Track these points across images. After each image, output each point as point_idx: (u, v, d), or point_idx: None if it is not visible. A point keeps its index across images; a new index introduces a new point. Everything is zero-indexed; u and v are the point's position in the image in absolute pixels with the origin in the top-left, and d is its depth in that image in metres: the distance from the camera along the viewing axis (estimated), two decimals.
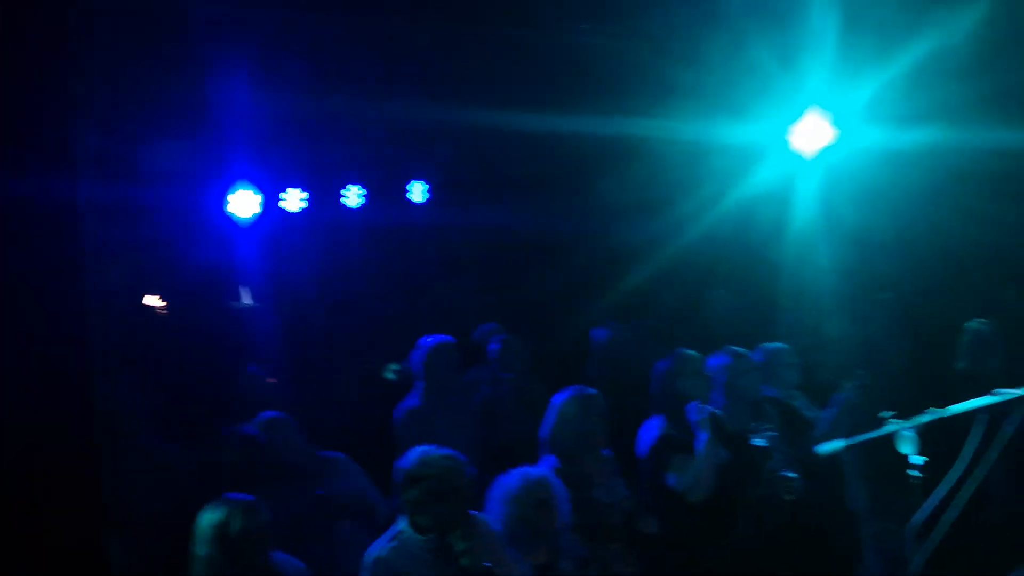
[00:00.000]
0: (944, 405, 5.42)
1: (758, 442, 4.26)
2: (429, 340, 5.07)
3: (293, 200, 6.05)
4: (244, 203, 5.82)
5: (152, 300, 7.88)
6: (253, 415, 4.29)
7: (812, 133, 8.60)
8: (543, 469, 3.89)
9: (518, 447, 4.83)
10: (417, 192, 6.70)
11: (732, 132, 8.26)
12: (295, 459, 4.22)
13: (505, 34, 7.31)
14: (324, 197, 6.21)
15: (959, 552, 5.46)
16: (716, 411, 4.48)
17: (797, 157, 8.79)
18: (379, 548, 3.40)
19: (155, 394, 4.82)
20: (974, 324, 6.51)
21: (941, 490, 2.41)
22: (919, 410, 2.61)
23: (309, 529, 4.07)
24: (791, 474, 4.36)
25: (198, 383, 5.37)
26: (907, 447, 2.37)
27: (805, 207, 8.90)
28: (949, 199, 8.09)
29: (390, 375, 6.22)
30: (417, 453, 3.47)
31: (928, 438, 2.50)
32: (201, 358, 5.64)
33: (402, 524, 3.43)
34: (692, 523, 4.24)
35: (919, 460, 2.36)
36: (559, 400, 4.23)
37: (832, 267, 8.55)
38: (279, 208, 6.23)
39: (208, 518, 3.35)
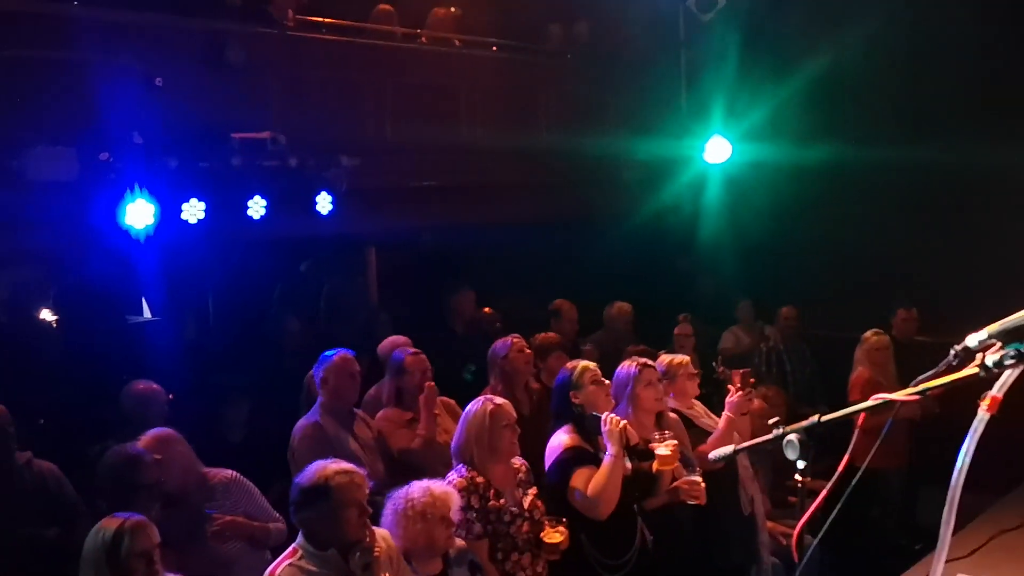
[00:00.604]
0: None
1: (661, 451, 4.30)
2: (330, 353, 4.99)
3: (193, 211, 5.88)
4: (139, 214, 5.64)
5: (43, 314, 7.61)
6: (141, 432, 4.16)
7: (717, 150, 8.85)
8: (444, 483, 3.88)
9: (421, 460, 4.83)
10: (323, 203, 6.58)
11: (640, 148, 8.43)
12: (183, 477, 4.09)
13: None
14: (226, 208, 6.05)
15: (847, 553, 5.65)
16: (623, 421, 4.54)
17: (705, 172, 9.03)
18: (277, 567, 3.33)
19: (33, 410, 4.65)
20: (869, 334, 6.75)
21: (827, 492, 2.44)
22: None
23: (197, 548, 3.97)
24: (696, 477, 4.40)
25: (81, 399, 5.19)
26: (792, 452, 2.41)
27: (711, 221, 9.13)
28: (847, 212, 8.40)
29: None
30: (315, 468, 3.42)
31: (814, 443, 2.54)
32: (86, 374, 5.45)
33: (300, 541, 3.38)
34: (597, 533, 4.26)
35: (802, 465, 2.40)
36: (468, 410, 4.24)
37: (737, 279, 8.79)
38: (179, 220, 6.05)
39: (96, 538, 3.26)
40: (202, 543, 4.01)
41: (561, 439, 4.36)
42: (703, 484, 4.40)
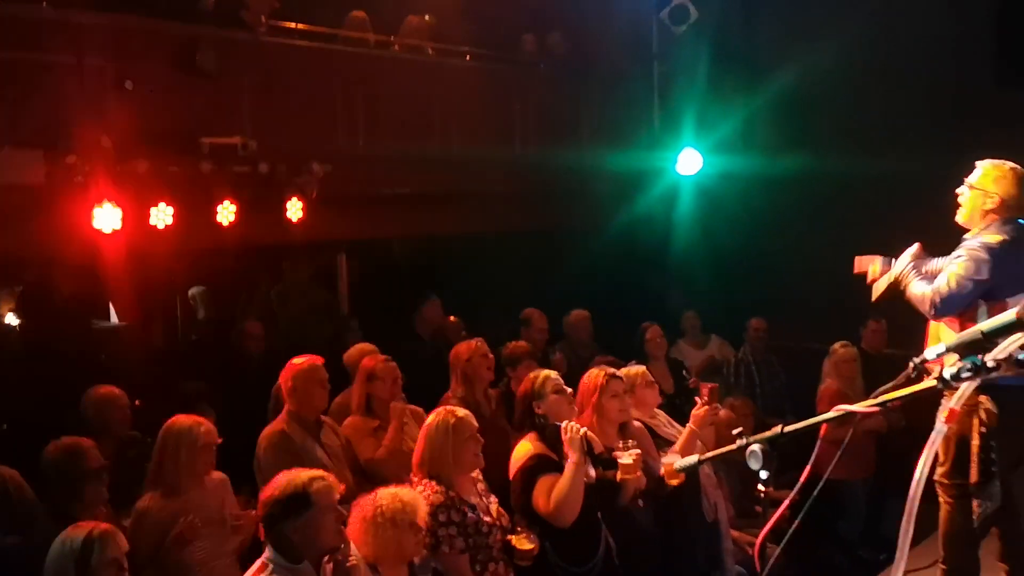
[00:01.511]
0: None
1: (624, 460, 4.32)
2: (298, 361, 4.95)
3: (161, 216, 5.84)
4: (107, 218, 5.60)
5: (7, 318, 7.53)
6: (103, 438, 4.12)
7: (688, 162, 8.92)
8: (413, 491, 3.86)
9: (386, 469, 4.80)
10: (293, 209, 6.57)
11: (612, 160, 8.48)
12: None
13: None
14: (195, 214, 6.02)
15: (812, 563, 5.69)
16: (585, 430, 4.55)
17: (677, 183, 9.09)
18: None
19: None
20: (837, 346, 6.81)
21: (790, 502, 2.47)
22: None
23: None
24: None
25: (44, 404, 5.13)
26: (755, 462, 2.44)
27: (683, 232, 9.19)
28: (817, 223, 8.47)
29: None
30: (287, 478, 3.38)
31: (780, 454, 2.57)
32: (50, 378, 5.39)
33: (269, 555, 3.32)
34: (561, 541, 4.26)
35: (765, 475, 2.42)
36: (429, 424, 4.21)
37: (707, 290, 8.85)
38: (147, 225, 6.01)
39: (63, 547, 3.22)
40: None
41: (525, 448, 4.37)
42: (637, 458, 4.37)
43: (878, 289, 4.21)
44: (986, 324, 1.65)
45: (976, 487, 3.88)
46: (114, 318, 8.08)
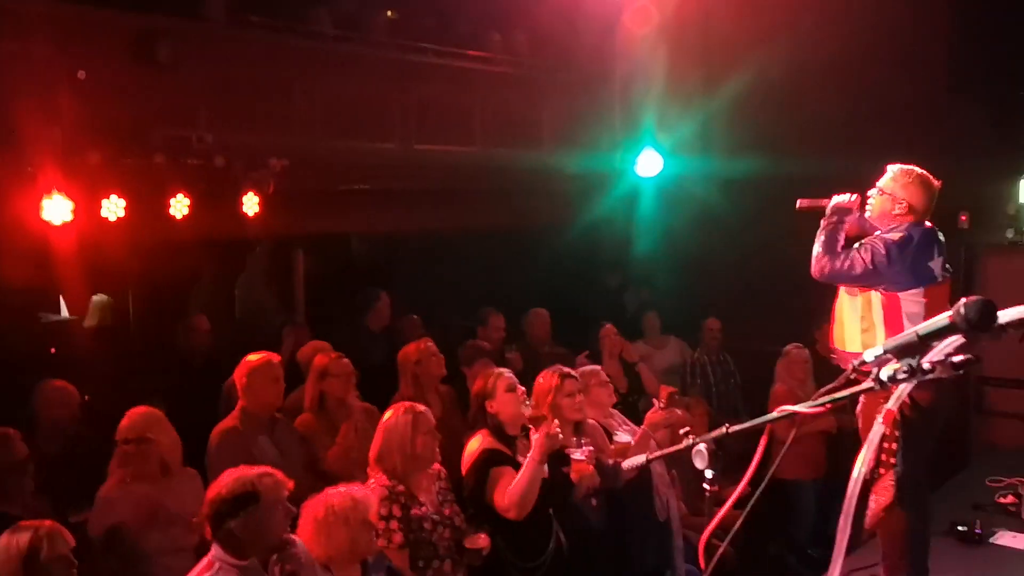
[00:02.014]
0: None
1: (578, 457, 4.33)
2: (253, 357, 4.91)
3: (113, 209, 5.75)
4: (57, 210, 5.50)
5: None
6: (52, 433, 4.06)
7: (648, 163, 8.95)
8: (364, 488, 3.85)
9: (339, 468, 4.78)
10: (249, 204, 6.49)
11: (573, 162, 8.50)
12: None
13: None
14: (147, 206, 5.93)
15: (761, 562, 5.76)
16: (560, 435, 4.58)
17: (637, 185, 9.13)
18: None
19: None
20: (790, 348, 6.88)
21: (734, 500, 2.50)
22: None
23: None
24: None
25: None
26: (700, 461, 2.47)
27: (644, 233, 9.23)
28: (775, 225, 8.52)
29: None
30: (234, 475, 3.35)
31: (723, 453, 2.60)
32: None
33: (216, 554, 3.29)
34: (512, 536, 4.28)
35: (710, 474, 2.46)
36: (387, 419, 4.21)
37: (668, 291, 8.90)
38: (98, 217, 5.91)
39: (7, 549, 3.17)
40: None
41: (476, 442, 4.40)
42: (590, 456, 4.41)
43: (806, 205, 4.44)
44: (922, 327, 1.68)
45: (873, 480, 3.97)
46: (65, 311, 7.95)
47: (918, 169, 4.12)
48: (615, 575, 4.70)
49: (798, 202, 4.47)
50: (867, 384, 1.81)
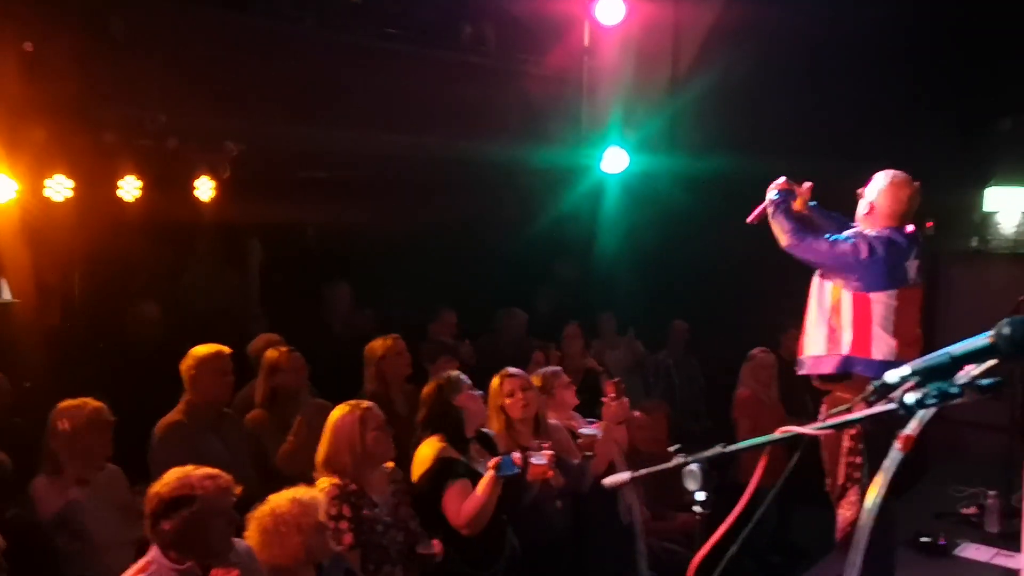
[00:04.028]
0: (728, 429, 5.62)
1: (536, 460, 4.21)
2: (201, 349, 4.70)
3: (58, 188, 5.51)
4: (1, 188, 5.27)
5: None
6: None
7: (614, 160, 8.84)
8: (311, 490, 3.68)
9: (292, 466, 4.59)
10: (203, 188, 6.27)
11: (537, 157, 8.35)
12: None
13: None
14: (95, 187, 5.70)
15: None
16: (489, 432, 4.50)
17: (602, 181, 9.02)
18: None
19: None
20: (755, 352, 6.81)
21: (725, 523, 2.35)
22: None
23: None
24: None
25: None
26: (693, 483, 2.29)
27: (608, 230, 9.12)
28: (740, 225, 8.45)
29: None
30: (176, 475, 3.17)
31: (714, 473, 2.45)
32: None
33: (154, 554, 3.12)
34: (464, 544, 4.16)
35: (703, 496, 2.28)
36: (336, 415, 4.06)
37: (632, 290, 8.79)
38: (41, 196, 5.67)
39: None
40: None
41: (428, 449, 4.26)
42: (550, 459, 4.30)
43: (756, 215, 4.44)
44: (956, 348, 1.55)
45: (840, 492, 3.93)
46: (6, 294, 7.63)
47: (900, 175, 4.12)
48: None
49: (748, 219, 4.45)
50: (887, 407, 1.68)
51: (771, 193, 4.35)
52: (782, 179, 4.38)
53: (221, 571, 3.11)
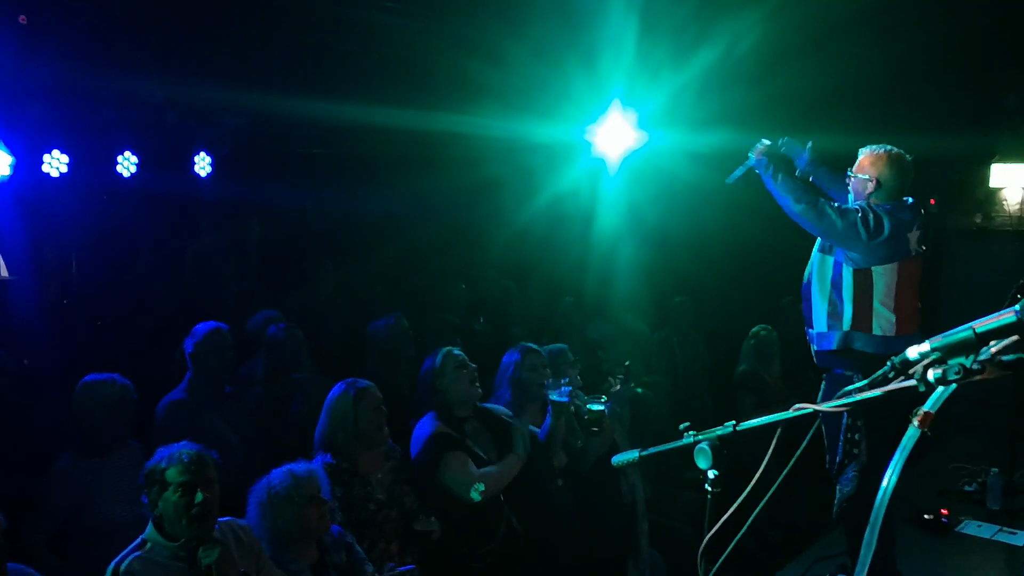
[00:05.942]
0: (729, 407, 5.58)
1: (555, 398, 4.30)
2: (202, 327, 4.68)
3: (55, 164, 5.46)
4: None
5: None
6: None
7: (615, 135, 8.76)
8: (309, 464, 3.68)
9: (298, 446, 4.56)
10: (202, 164, 6.20)
11: (539, 132, 8.27)
12: None
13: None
14: (93, 163, 5.64)
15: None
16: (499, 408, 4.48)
17: (600, 158, 8.94)
18: (123, 560, 3.05)
19: None
20: (757, 329, 6.78)
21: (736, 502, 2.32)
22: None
23: None
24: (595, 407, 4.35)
25: None
26: (704, 461, 2.26)
27: (608, 207, 9.05)
28: (742, 200, 8.40)
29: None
30: (168, 451, 3.18)
31: (725, 451, 2.41)
32: None
33: (148, 532, 3.13)
34: (458, 522, 4.16)
35: (714, 474, 2.24)
36: (332, 394, 4.05)
37: (633, 266, 8.74)
38: (39, 172, 5.62)
39: None
40: None
41: (426, 425, 4.24)
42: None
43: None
44: (980, 324, 1.52)
45: (839, 469, 3.91)
46: (3, 271, 7.58)
47: (887, 147, 4.06)
48: (578, 559, 4.56)
49: (727, 180, 4.52)
50: (907, 383, 1.65)
51: (753, 155, 4.41)
52: (764, 142, 4.40)
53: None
